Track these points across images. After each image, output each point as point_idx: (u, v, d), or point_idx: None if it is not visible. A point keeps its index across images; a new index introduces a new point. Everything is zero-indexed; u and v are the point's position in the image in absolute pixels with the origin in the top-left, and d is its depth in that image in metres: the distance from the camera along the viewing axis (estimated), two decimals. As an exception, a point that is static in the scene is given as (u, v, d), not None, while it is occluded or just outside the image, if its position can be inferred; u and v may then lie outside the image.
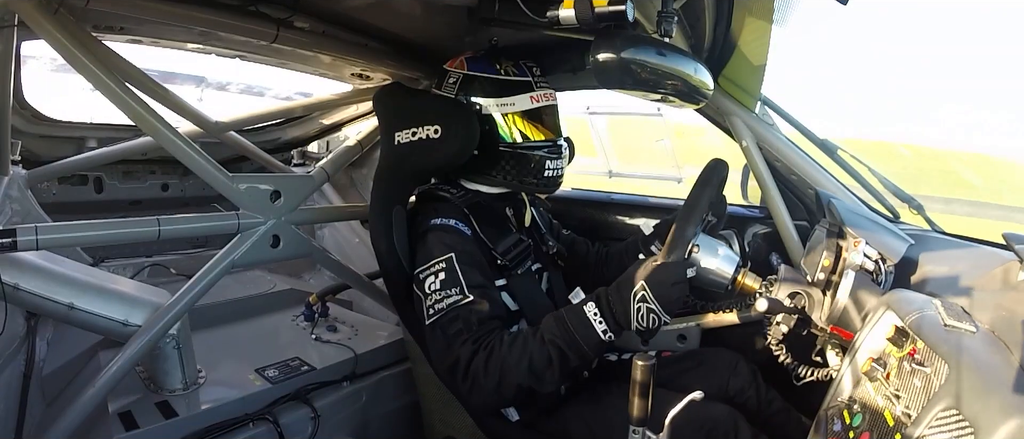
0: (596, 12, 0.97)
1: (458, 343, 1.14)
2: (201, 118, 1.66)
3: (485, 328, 1.15)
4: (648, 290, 1.06)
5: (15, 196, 1.64)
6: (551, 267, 1.49)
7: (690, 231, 1.14)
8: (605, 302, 1.09)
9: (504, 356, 1.10)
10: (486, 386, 1.11)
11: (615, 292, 1.09)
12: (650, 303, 1.05)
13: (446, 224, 1.26)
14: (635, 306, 1.06)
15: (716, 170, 1.21)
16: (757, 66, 1.43)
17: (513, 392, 1.12)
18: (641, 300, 1.06)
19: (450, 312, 1.16)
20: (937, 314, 0.86)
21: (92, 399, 1.21)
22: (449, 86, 1.37)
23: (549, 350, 1.09)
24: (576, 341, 1.09)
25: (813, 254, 1.17)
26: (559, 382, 1.12)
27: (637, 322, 1.06)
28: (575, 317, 1.10)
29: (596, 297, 1.11)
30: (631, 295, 1.07)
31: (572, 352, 1.09)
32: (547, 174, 1.36)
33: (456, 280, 1.18)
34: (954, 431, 0.67)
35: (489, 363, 1.10)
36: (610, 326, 1.08)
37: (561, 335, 1.09)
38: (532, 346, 1.10)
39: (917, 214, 1.45)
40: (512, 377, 1.09)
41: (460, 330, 1.14)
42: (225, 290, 1.89)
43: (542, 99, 1.36)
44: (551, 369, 1.09)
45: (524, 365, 1.09)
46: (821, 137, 1.56)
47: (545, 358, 1.09)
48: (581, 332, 1.09)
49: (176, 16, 1.25)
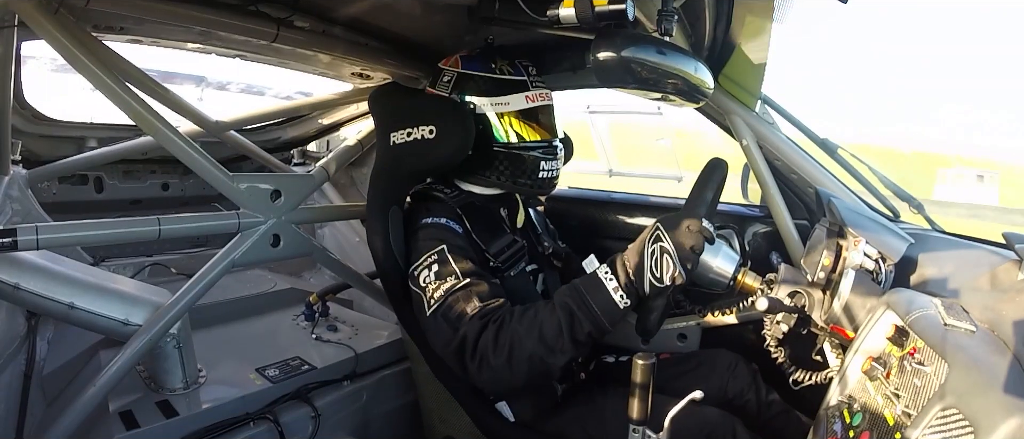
0: (596, 11, 0.97)
1: (464, 322, 1.11)
2: (201, 118, 1.66)
3: (490, 303, 1.13)
4: (664, 231, 1.02)
5: (15, 196, 1.64)
6: (547, 268, 1.49)
7: (708, 194, 1.13)
8: (619, 261, 1.07)
9: (515, 328, 1.07)
10: (496, 362, 1.07)
11: (629, 249, 1.07)
12: (664, 243, 1.02)
13: (437, 223, 1.25)
14: (649, 249, 1.03)
15: (715, 170, 1.21)
16: (757, 65, 1.42)
17: (524, 366, 1.07)
18: (656, 241, 1.03)
19: (450, 297, 1.14)
20: (937, 313, 0.86)
21: (93, 398, 1.21)
22: (443, 84, 1.36)
23: (560, 315, 1.06)
24: (587, 303, 1.05)
25: (813, 253, 1.17)
26: (572, 353, 1.08)
27: (651, 271, 1.02)
28: (587, 280, 1.08)
29: (611, 259, 1.09)
30: (646, 239, 1.04)
31: (583, 314, 1.05)
32: (542, 175, 1.35)
33: (450, 269, 1.16)
34: (954, 430, 0.67)
35: (499, 336, 1.07)
36: (622, 284, 1.05)
37: (573, 298, 1.07)
38: (543, 314, 1.07)
39: (917, 213, 1.45)
40: (523, 349, 1.06)
41: (464, 311, 1.12)
42: (225, 289, 1.90)
43: (537, 99, 1.35)
44: (563, 337, 1.05)
45: (535, 334, 1.06)
46: (821, 136, 1.56)
47: (556, 325, 1.05)
48: (592, 294, 1.06)
49: (176, 16, 1.25)
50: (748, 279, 1.18)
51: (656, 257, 1.02)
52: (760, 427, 1.35)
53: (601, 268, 1.08)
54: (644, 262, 1.03)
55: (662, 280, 1.02)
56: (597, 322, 1.06)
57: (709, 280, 1.20)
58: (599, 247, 1.94)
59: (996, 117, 48.64)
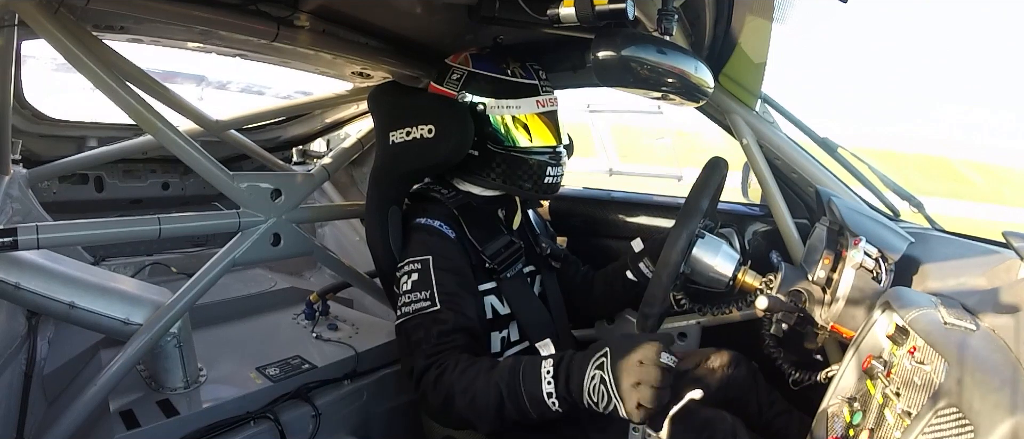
0: (596, 10, 0.97)
1: (416, 353, 1.13)
2: (201, 117, 1.66)
3: (443, 343, 1.11)
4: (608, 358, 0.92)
5: (16, 195, 1.63)
6: (545, 270, 1.49)
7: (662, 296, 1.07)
8: (565, 362, 0.98)
9: (452, 381, 1.05)
10: (433, 403, 1.08)
11: (581, 354, 0.98)
12: (605, 372, 0.91)
13: (429, 225, 1.25)
14: (591, 371, 0.93)
15: (715, 171, 1.21)
16: (757, 64, 1.43)
17: (456, 419, 1.07)
18: (598, 367, 0.93)
19: (415, 318, 1.15)
20: (937, 312, 0.86)
21: (93, 398, 1.21)
22: (452, 82, 1.35)
23: (492, 393, 1.01)
24: (519, 392, 0.99)
25: (813, 252, 1.18)
26: (496, 427, 1.04)
27: (589, 395, 0.93)
28: (529, 368, 1.01)
29: (560, 356, 1.01)
30: (590, 360, 0.94)
31: (511, 403, 1.00)
32: (546, 180, 1.34)
33: (428, 284, 1.16)
34: (954, 429, 0.67)
35: (438, 383, 1.07)
36: (558, 391, 0.96)
37: (508, 380, 1.01)
38: (480, 380, 1.03)
39: (917, 212, 1.45)
40: (455, 404, 1.04)
41: (420, 340, 1.13)
42: (226, 289, 1.90)
43: (547, 104, 1.34)
44: (490, 412, 1.02)
45: (467, 398, 1.03)
46: (821, 135, 1.56)
47: (486, 399, 1.02)
48: (527, 385, 0.99)
49: (176, 15, 1.25)
50: (748, 278, 1.18)
51: (594, 384, 0.93)
52: (761, 426, 1.35)
53: (545, 364, 0.99)
54: (584, 383, 0.94)
55: (598, 407, 0.93)
56: (525, 414, 1.00)
57: (709, 279, 1.20)
58: (600, 246, 1.95)
59: (996, 117, 48.88)
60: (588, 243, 1.98)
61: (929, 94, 35.04)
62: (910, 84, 41.49)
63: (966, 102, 32.72)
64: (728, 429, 1.19)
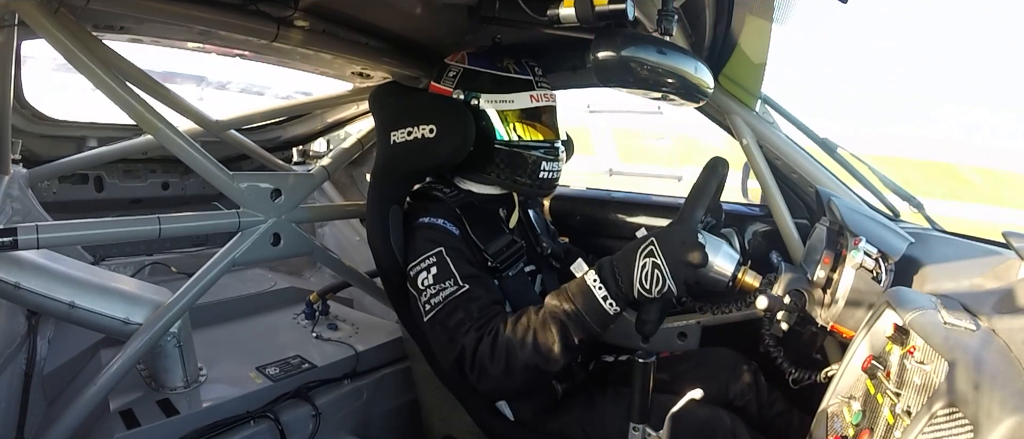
0: (596, 10, 0.97)
1: (461, 333, 1.12)
2: (201, 117, 1.66)
3: (486, 314, 1.13)
4: (657, 244, 1.00)
5: (16, 195, 1.64)
6: (546, 269, 1.49)
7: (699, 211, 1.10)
8: (608, 268, 1.04)
9: (509, 338, 1.07)
10: (494, 372, 1.08)
11: (620, 256, 1.04)
12: (656, 258, 0.99)
13: (433, 223, 1.26)
14: (640, 262, 1.00)
15: (715, 170, 1.21)
16: (757, 64, 1.43)
17: (522, 374, 1.08)
18: (648, 255, 1.00)
19: (448, 304, 1.15)
20: (937, 312, 0.86)
21: (93, 397, 1.22)
22: (448, 79, 1.36)
23: (552, 325, 1.05)
24: (577, 311, 1.04)
25: (813, 252, 1.18)
26: (567, 359, 1.08)
27: (640, 282, 1.00)
28: (576, 287, 1.06)
29: (599, 265, 1.06)
30: (637, 251, 1.01)
31: (573, 324, 1.04)
32: (543, 175, 1.34)
33: (449, 272, 1.17)
34: (954, 429, 0.67)
35: (495, 347, 1.08)
36: (611, 292, 1.03)
37: (562, 308, 1.05)
38: (535, 324, 1.07)
39: (917, 212, 1.45)
40: (519, 358, 1.06)
41: (461, 320, 1.13)
42: (226, 288, 1.90)
43: (542, 99, 1.35)
44: (556, 346, 1.05)
45: (530, 344, 1.06)
46: (821, 135, 1.56)
47: (548, 334, 1.05)
48: (582, 302, 1.04)
49: (176, 15, 1.25)
50: (748, 278, 1.18)
51: (647, 271, 1.00)
52: (761, 426, 1.35)
53: (589, 274, 1.06)
54: (634, 273, 1.01)
55: (651, 292, 1.00)
56: (588, 329, 1.05)
57: (709, 279, 1.20)
58: (600, 246, 1.95)
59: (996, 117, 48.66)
60: (588, 243, 1.98)
61: (929, 94, 35.04)
62: (910, 84, 41.49)
63: (966, 102, 32.73)
64: (728, 428, 1.20)
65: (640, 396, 0.97)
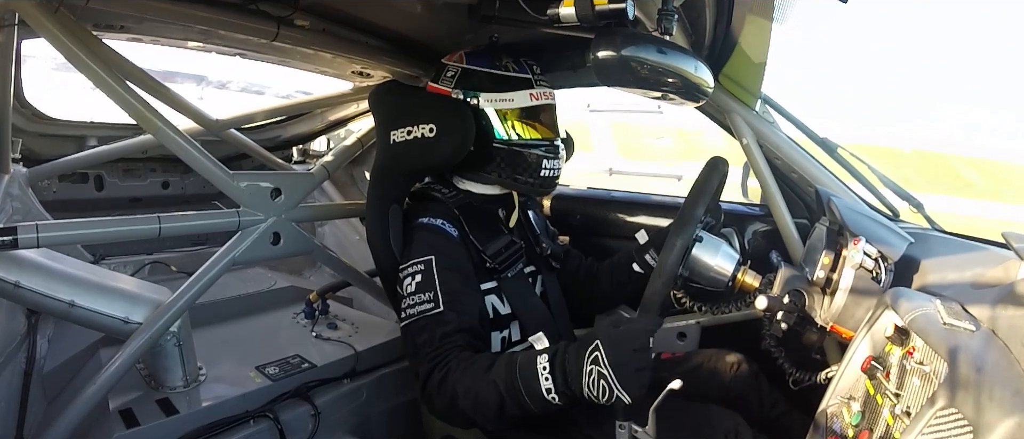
0: (597, 10, 0.97)
1: (421, 356, 1.14)
2: (201, 116, 1.66)
3: (446, 344, 1.13)
4: (602, 351, 0.93)
5: (16, 194, 1.63)
6: (545, 270, 1.49)
7: (699, 210, 1.08)
8: (560, 358, 1.00)
9: (454, 384, 1.07)
10: (438, 404, 1.10)
11: (574, 349, 0.99)
12: (602, 367, 0.93)
13: (432, 224, 1.26)
14: (587, 367, 0.95)
15: (716, 169, 1.21)
16: (757, 64, 1.43)
17: (461, 418, 1.10)
18: (593, 362, 0.94)
19: (419, 321, 1.16)
20: (936, 313, 0.86)
21: (93, 396, 1.21)
22: (447, 79, 1.36)
23: (493, 392, 1.03)
24: (518, 390, 1.01)
25: (813, 252, 1.18)
26: (502, 423, 1.08)
27: (588, 388, 0.95)
28: (526, 365, 1.02)
29: (554, 351, 1.02)
30: (585, 354, 0.95)
31: (511, 399, 1.02)
32: (543, 174, 1.34)
33: (431, 285, 1.17)
34: (953, 429, 0.67)
35: (443, 385, 1.08)
36: (557, 386, 0.98)
37: (506, 379, 1.02)
38: (480, 382, 1.05)
39: (917, 212, 1.45)
40: (458, 404, 1.07)
41: (425, 342, 1.14)
42: (225, 287, 1.89)
43: (541, 97, 1.35)
44: (491, 410, 1.04)
45: (470, 398, 1.05)
46: (821, 135, 1.56)
47: (488, 398, 1.04)
48: (525, 383, 1.01)
49: (176, 14, 1.25)
50: (748, 278, 1.18)
51: (593, 379, 0.94)
52: (762, 427, 1.35)
53: (540, 360, 1.01)
54: (582, 379, 0.95)
55: (599, 400, 0.95)
56: (526, 410, 1.03)
57: (709, 279, 1.20)
58: (600, 245, 1.95)
59: (996, 117, 48.67)
60: (588, 242, 1.98)
61: (929, 94, 35.08)
62: (910, 84, 41.53)
63: (966, 102, 32.74)
64: (730, 428, 1.20)
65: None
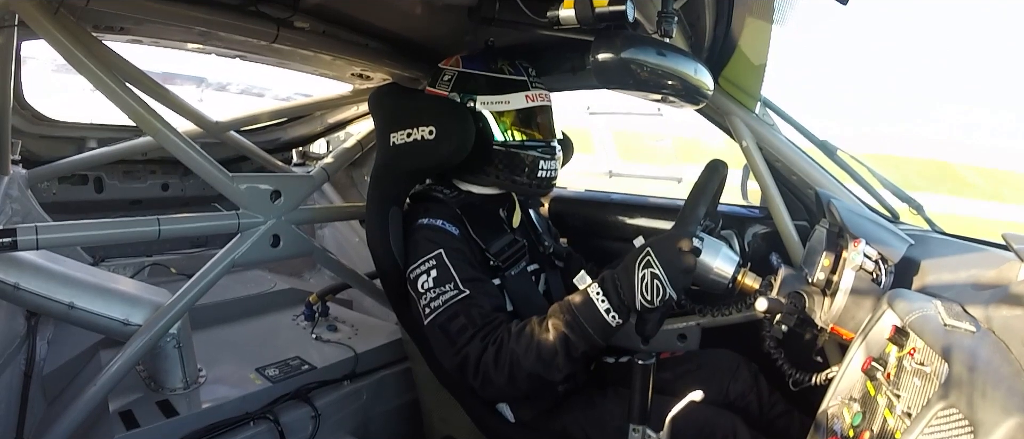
0: (596, 12, 0.97)
1: (464, 340, 1.13)
2: (201, 118, 1.66)
3: (489, 322, 1.15)
4: (653, 254, 1.02)
5: (15, 196, 1.64)
6: (548, 268, 1.49)
7: (700, 210, 1.12)
8: (610, 281, 1.07)
9: (513, 348, 1.10)
10: (498, 381, 1.11)
11: (620, 269, 1.06)
12: (655, 268, 1.02)
13: (433, 224, 1.26)
14: (639, 274, 1.03)
15: (716, 171, 1.21)
16: (757, 66, 1.43)
17: (526, 383, 1.11)
18: (646, 266, 1.02)
19: (449, 309, 1.15)
20: (937, 314, 0.86)
21: (93, 398, 1.22)
22: (444, 83, 1.36)
23: (555, 337, 1.07)
24: (580, 324, 1.06)
25: (813, 254, 1.17)
26: (569, 369, 1.11)
27: (641, 294, 1.03)
28: (579, 299, 1.08)
29: (601, 278, 1.09)
30: (636, 262, 1.03)
31: (576, 336, 1.07)
32: (540, 174, 1.35)
33: (449, 275, 1.18)
34: (954, 430, 0.67)
35: (499, 357, 1.10)
36: (614, 305, 1.05)
37: (565, 320, 1.08)
38: (539, 335, 1.09)
39: (917, 214, 1.45)
40: (523, 368, 1.09)
41: (464, 326, 1.14)
42: (225, 289, 1.90)
43: (537, 99, 1.35)
44: (558, 356, 1.07)
45: (532, 354, 1.08)
46: (821, 138, 1.56)
47: (551, 346, 1.07)
48: (585, 314, 1.07)
49: (176, 16, 1.25)
50: (748, 280, 1.18)
51: (647, 282, 1.02)
52: (762, 427, 1.35)
53: (593, 287, 1.08)
54: (635, 286, 1.03)
55: (653, 302, 1.03)
56: (591, 340, 1.08)
57: (709, 281, 1.20)
58: (600, 248, 1.95)
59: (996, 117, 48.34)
60: (588, 244, 1.98)
61: (929, 94, 35.12)
62: (910, 84, 41.57)
63: (966, 102, 32.80)
64: (729, 429, 1.20)
65: (640, 397, 0.97)
